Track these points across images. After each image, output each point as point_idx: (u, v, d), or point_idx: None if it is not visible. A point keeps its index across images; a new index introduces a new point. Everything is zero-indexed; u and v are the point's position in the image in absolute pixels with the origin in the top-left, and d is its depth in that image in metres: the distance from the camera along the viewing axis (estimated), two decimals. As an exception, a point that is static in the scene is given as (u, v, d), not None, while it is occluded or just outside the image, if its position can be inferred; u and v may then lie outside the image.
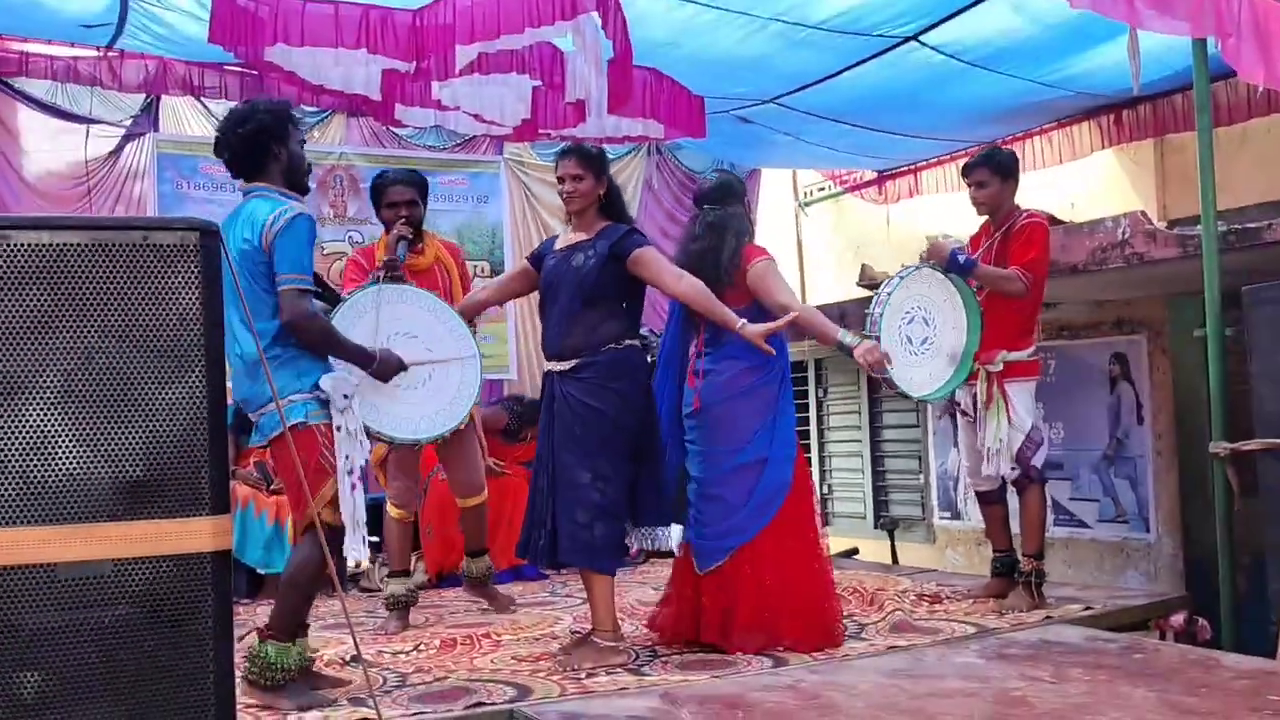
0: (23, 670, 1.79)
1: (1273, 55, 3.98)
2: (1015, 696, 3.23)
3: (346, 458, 3.30)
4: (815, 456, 8.85)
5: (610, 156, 7.03)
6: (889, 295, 4.32)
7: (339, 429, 3.30)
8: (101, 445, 1.83)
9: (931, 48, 5.58)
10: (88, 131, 6.39)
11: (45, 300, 1.83)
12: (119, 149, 6.49)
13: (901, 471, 8.25)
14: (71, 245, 1.85)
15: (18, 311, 1.81)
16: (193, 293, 1.90)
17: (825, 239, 9.15)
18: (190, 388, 1.89)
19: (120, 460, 1.84)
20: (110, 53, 5.95)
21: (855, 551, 7.55)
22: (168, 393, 1.87)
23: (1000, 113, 6.56)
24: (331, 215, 6.98)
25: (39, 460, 1.80)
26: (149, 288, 1.88)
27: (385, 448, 4.59)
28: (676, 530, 4.01)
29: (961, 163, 5.75)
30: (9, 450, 1.78)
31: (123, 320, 1.86)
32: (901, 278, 4.37)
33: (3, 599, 1.77)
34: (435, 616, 4.92)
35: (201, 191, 6.55)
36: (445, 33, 4.93)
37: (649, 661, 3.88)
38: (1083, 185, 6.90)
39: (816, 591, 4.02)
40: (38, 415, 1.80)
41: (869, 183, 8.45)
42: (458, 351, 4.06)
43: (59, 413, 1.82)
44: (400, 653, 4.09)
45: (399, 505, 4.83)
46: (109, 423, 1.84)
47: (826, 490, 8.86)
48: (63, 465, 1.81)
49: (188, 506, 1.88)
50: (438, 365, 3.98)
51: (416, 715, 3.23)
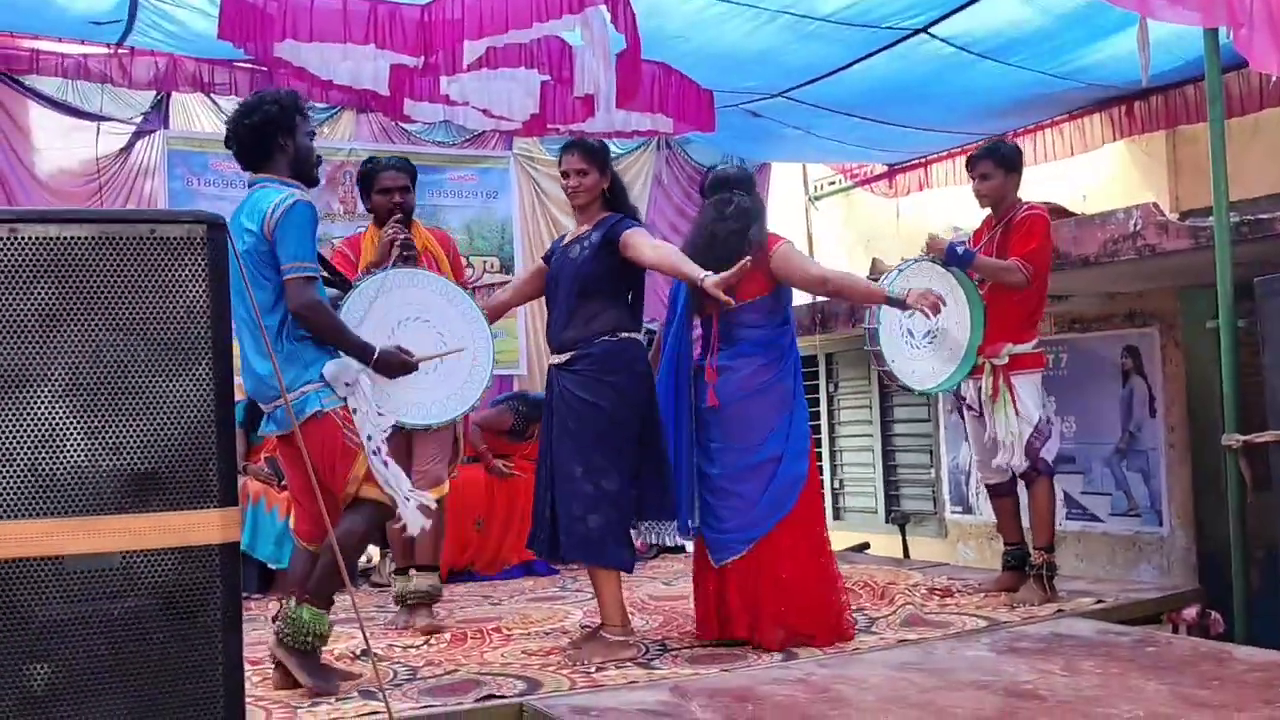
0: (33, 662, 1.79)
1: (1285, 45, 3.95)
2: (1026, 690, 3.22)
3: (369, 437, 3.31)
4: (826, 450, 8.83)
5: (620, 152, 7.03)
6: (892, 288, 4.33)
7: (354, 410, 3.31)
8: (109, 437, 1.83)
9: (941, 40, 5.57)
10: (98, 129, 6.42)
11: (53, 293, 1.83)
12: (129, 146, 6.51)
13: (913, 466, 8.22)
14: (79, 238, 1.85)
15: (26, 304, 1.81)
16: (200, 285, 1.90)
17: (836, 233, 9.13)
18: (198, 380, 1.89)
19: (128, 452, 1.84)
20: (120, 50, 5.98)
21: (866, 546, 7.54)
22: (175, 385, 1.88)
23: (1011, 105, 6.53)
24: (341, 211, 6.99)
25: (47, 452, 1.80)
26: (156, 280, 1.88)
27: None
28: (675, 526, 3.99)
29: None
30: (17, 442, 1.78)
31: (130, 313, 1.86)
32: (901, 270, 4.38)
33: (12, 591, 1.78)
34: (445, 611, 4.93)
35: (212, 188, 6.56)
36: (453, 27, 4.94)
37: (659, 655, 3.87)
38: (1094, 177, 6.87)
39: (825, 585, 4.02)
40: (46, 407, 1.81)
41: (879, 176, 8.44)
42: (470, 334, 4.00)
43: (67, 405, 1.82)
44: (410, 646, 4.10)
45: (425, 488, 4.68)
46: (117, 415, 1.84)
47: (837, 485, 8.84)
48: (71, 457, 1.81)
49: (196, 499, 1.88)
50: (448, 346, 3.92)
51: (426, 708, 3.23)
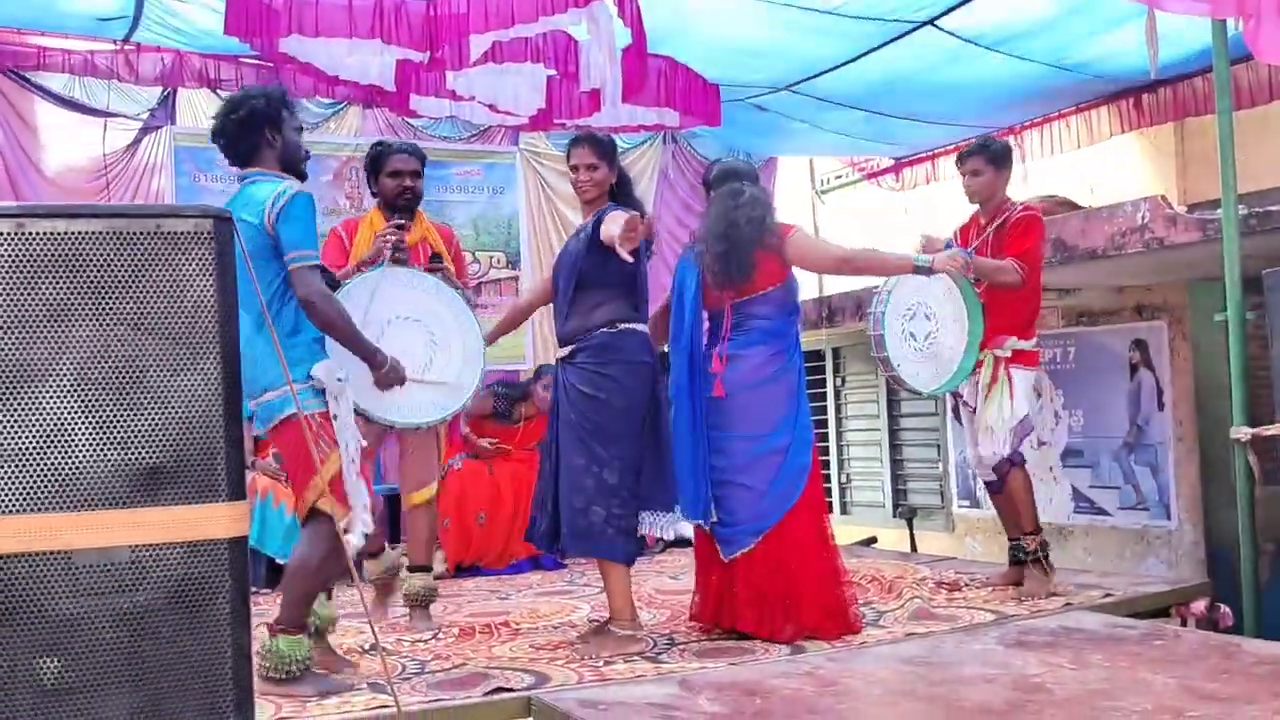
0: (43, 656, 1.79)
1: (1293, 37, 3.93)
2: (1035, 683, 3.22)
3: (347, 446, 3.24)
4: (833, 445, 8.83)
5: (626, 146, 7.01)
6: (889, 293, 4.36)
7: (335, 417, 3.23)
8: (118, 432, 1.83)
9: (948, 32, 5.55)
10: (105, 125, 6.42)
11: (60, 288, 1.83)
12: (136, 142, 6.52)
13: (920, 460, 8.22)
14: (86, 233, 1.85)
15: (34, 300, 1.81)
16: (207, 279, 1.90)
17: (843, 227, 9.11)
18: (205, 374, 1.89)
19: (136, 447, 1.84)
20: (127, 46, 5.99)
21: (874, 540, 7.54)
22: (183, 379, 1.88)
23: (1018, 98, 6.51)
24: (348, 206, 6.99)
25: (55, 447, 1.80)
26: (164, 275, 1.88)
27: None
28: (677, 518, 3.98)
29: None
30: (26, 437, 1.78)
31: (138, 307, 1.86)
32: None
33: (21, 586, 1.78)
34: (454, 606, 4.94)
35: (219, 184, 6.56)
36: (459, 22, 4.94)
37: (666, 649, 3.88)
38: (1102, 170, 6.85)
39: (831, 577, 4.02)
40: (54, 402, 1.80)
41: (886, 170, 8.41)
42: (461, 334, 3.96)
43: (75, 400, 1.82)
44: (419, 641, 4.11)
45: (406, 491, 4.57)
46: (125, 409, 1.84)
47: (845, 479, 8.84)
48: (79, 452, 1.81)
49: (204, 493, 1.88)
50: (439, 348, 3.87)
51: (435, 702, 3.24)
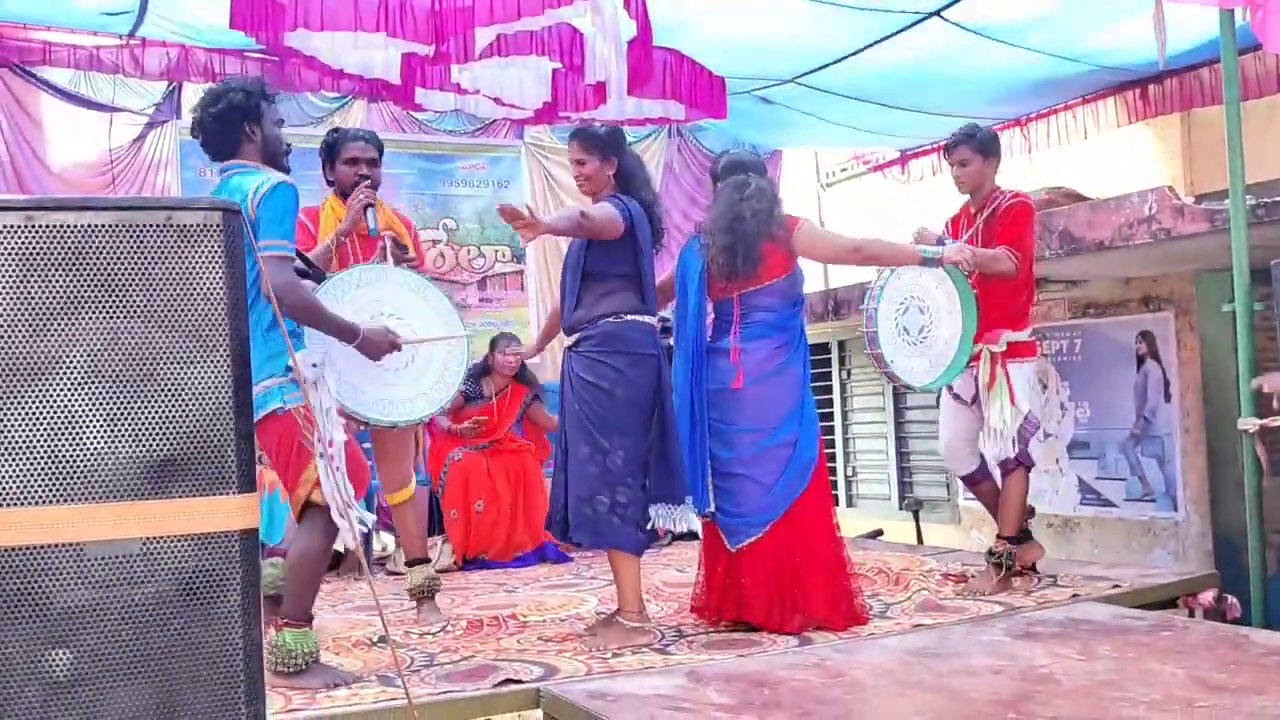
0: (55, 648, 1.80)
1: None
2: (1042, 674, 3.22)
3: (329, 440, 3.18)
4: (839, 438, 8.82)
5: (631, 139, 7.00)
6: (882, 288, 4.34)
7: (316, 408, 3.17)
8: (128, 424, 1.84)
9: (954, 23, 5.54)
10: (111, 120, 6.43)
11: (71, 281, 1.83)
12: (142, 137, 6.53)
13: (926, 452, 8.20)
14: (96, 226, 1.85)
15: (44, 292, 1.81)
16: (216, 272, 1.90)
17: (848, 219, 9.10)
18: (215, 366, 1.89)
19: (147, 439, 1.85)
20: (132, 40, 5.98)
21: (880, 533, 7.53)
22: (193, 372, 1.88)
23: (1024, 89, 6.50)
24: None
25: (66, 440, 1.80)
26: (173, 267, 1.88)
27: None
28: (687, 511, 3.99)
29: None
30: (36, 430, 1.79)
31: (148, 300, 1.86)
32: (892, 269, 4.35)
33: (33, 578, 1.78)
34: (462, 599, 4.95)
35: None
36: (464, 15, 4.94)
37: (675, 641, 3.88)
38: (1108, 161, 6.84)
39: (837, 568, 4.03)
40: (64, 395, 1.81)
41: (892, 162, 8.40)
42: (448, 332, 3.88)
43: (86, 392, 1.82)
44: (427, 633, 4.12)
45: (390, 490, 4.42)
46: (135, 402, 1.84)
47: (851, 472, 8.84)
48: (90, 445, 1.82)
49: (215, 485, 1.88)
50: (422, 346, 3.79)
51: (444, 694, 3.25)
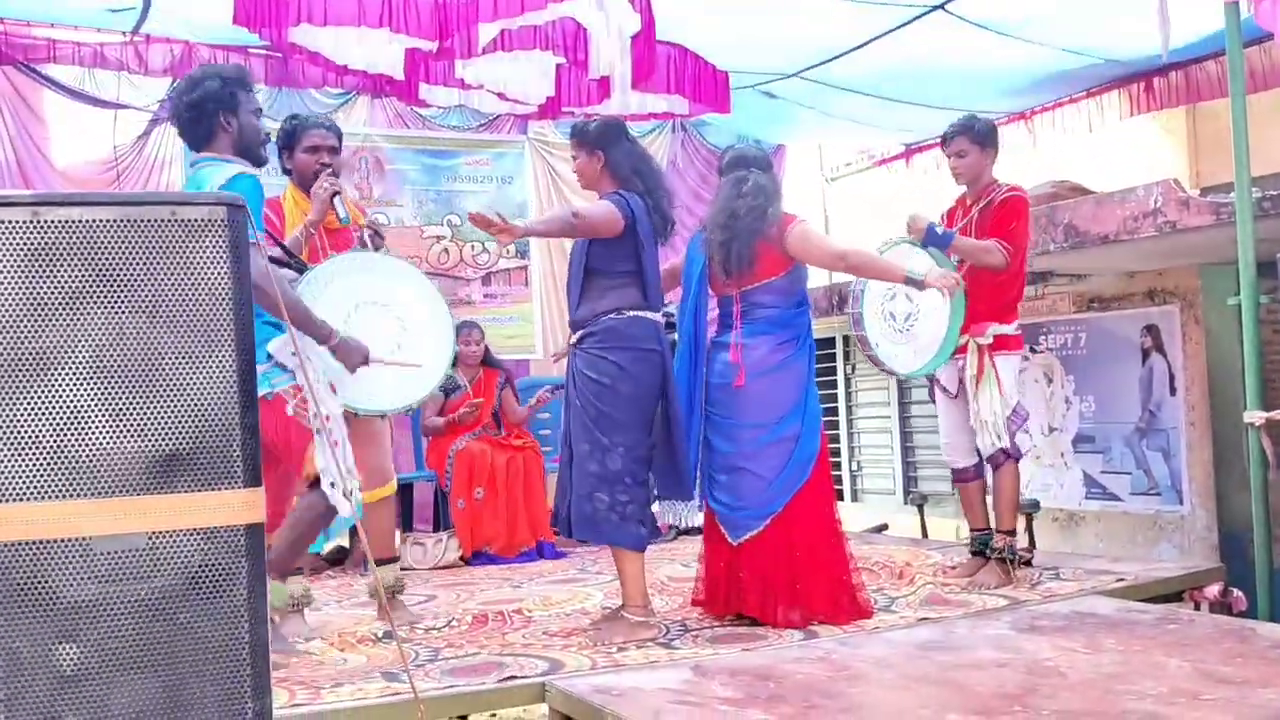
0: (62, 643, 1.80)
1: (1308, 18, 3.91)
2: (1048, 667, 3.22)
3: (326, 416, 3.18)
4: (844, 432, 8.83)
5: (635, 135, 6.98)
6: None
7: (305, 387, 3.20)
8: (133, 419, 1.84)
9: (958, 17, 5.53)
10: (115, 117, 6.43)
11: (76, 276, 1.83)
12: (146, 134, 6.52)
13: (930, 446, 8.19)
14: (101, 221, 1.85)
15: (49, 288, 1.82)
16: (221, 266, 1.90)
17: (852, 214, 9.09)
18: (221, 360, 1.89)
19: (152, 434, 1.85)
20: (136, 37, 5.99)
21: (885, 527, 7.54)
22: (198, 366, 1.88)
23: (1030, 82, 6.49)
24: (358, 198, 6.99)
25: (72, 435, 1.81)
26: (178, 262, 1.88)
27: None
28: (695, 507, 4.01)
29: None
30: (42, 425, 1.79)
31: (152, 295, 1.86)
32: (881, 253, 4.34)
33: (40, 572, 1.79)
34: (467, 594, 4.95)
35: (229, 175, 6.58)
36: (468, 10, 4.94)
37: (680, 635, 3.88)
38: (1114, 154, 6.82)
39: (837, 563, 4.02)
40: (70, 390, 1.81)
41: (896, 156, 8.39)
42: (430, 317, 3.86)
43: (91, 387, 1.83)
44: (432, 628, 4.12)
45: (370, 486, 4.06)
46: (141, 397, 1.85)
47: (856, 466, 8.84)
48: (95, 439, 1.82)
49: (220, 479, 1.89)
50: (408, 333, 3.76)
51: (449, 688, 3.25)
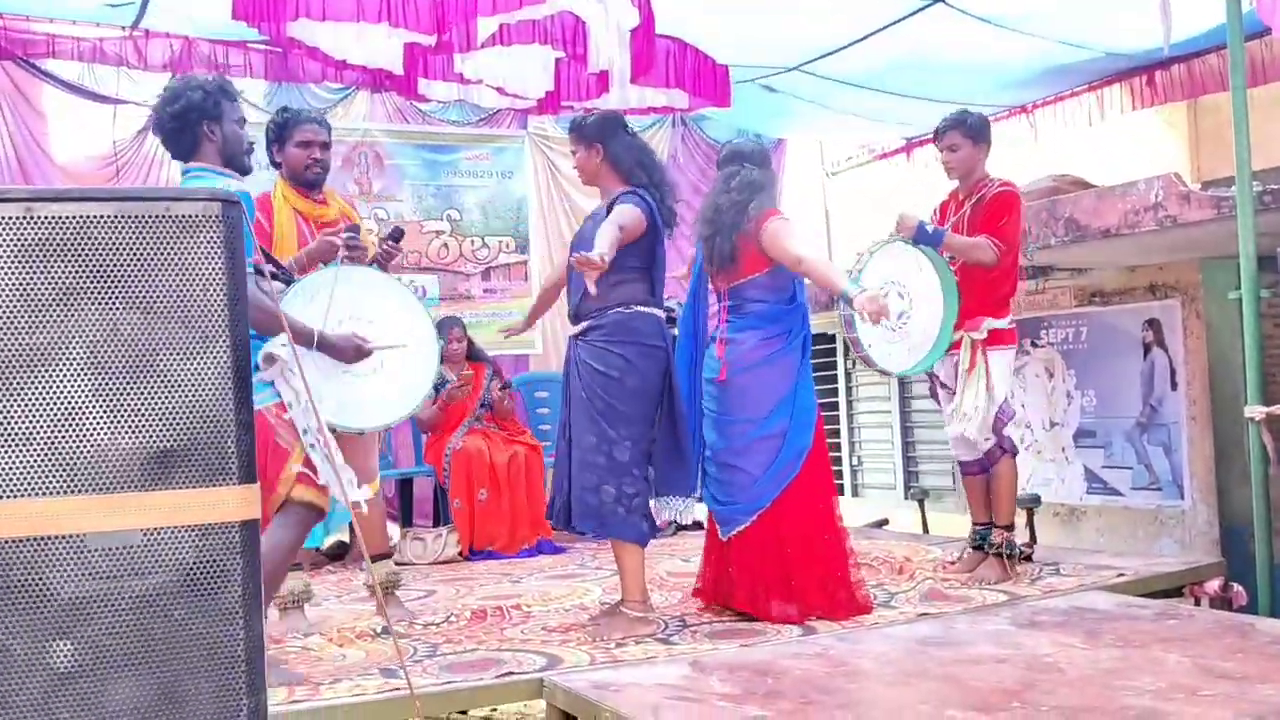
0: (56, 640, 1.80)
1: (1309, 12, 3.90)
2: (1047, 662, 3.22)
3: (305, 430, 3.15)
4: (844, 428, 8.81)
5: (634, 129, 6.97)
6: (859, 272, 4.27)
7: (289, 404, 3.14)
8: (129, 415, 1.83)
9: (959, 10, 5.51)
10: (114, 112, 6.42)
11: (71, 272, 1.83)
12: (146, 129, 6.50)
13: (931, 442, 8.19)
14: (95, 217, 1.85)
15: (44, 283, 1.81)
16: (216, 262, 1.89)
17: (853, 208, 9.08)
18: (216, 357, 1.89)
19: (147, 430, 1.84)
20: (135, 32, 5.97)
21: (885, 522, 7.53)
22: (193, 362, 1.88)
23: (1030, 76, 6.47)
24: (357, 193, 6.99)
25: (67, 431, 1.80)
26: (173, 258, 1.87)
27: None
28: (699, 503, 4.02)
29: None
30: (37, 421, 1.79)
31: (148, 291, 1.86)
32: (872, 253, 4.32)
33: (35, 569, 1.78)
34: (466, 589, 4.95)
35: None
36: (467, 4, 4.92)
37: (678, 631, 3.88)
38: (1115, 148, 6.81)
39: (833, 558, 4.02)
40: (65, 386, 1.81)
41: (897, 150, 8.37)
42: (417, 335, 3.72)
43: (86, 383, 1.82)
44: (430, 624, 4.12)
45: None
46: (136, 393, 1.84)
47: (856, 461, 8.83)
48: (90, 436, 1.81)
49: (215, 476, 1.88)
50: (391, 352, 3.62)
51: (447, 684, 3.26)
